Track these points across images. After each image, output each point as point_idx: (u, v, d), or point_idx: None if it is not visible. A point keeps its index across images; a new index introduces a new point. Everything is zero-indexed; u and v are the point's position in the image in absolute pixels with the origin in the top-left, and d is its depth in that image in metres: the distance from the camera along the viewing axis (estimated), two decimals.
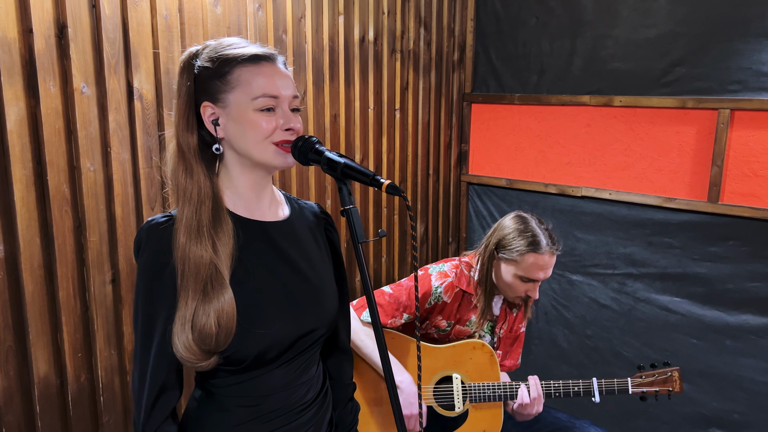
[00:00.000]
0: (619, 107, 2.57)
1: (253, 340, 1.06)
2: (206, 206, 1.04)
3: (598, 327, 2.74)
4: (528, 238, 1.83)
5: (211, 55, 1.06)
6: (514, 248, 1.84)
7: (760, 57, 2.23)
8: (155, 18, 1.56)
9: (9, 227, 1.34)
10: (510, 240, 1.87)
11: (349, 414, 1.35)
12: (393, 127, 2.53)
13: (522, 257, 1.83)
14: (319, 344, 1.20)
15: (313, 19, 2.06)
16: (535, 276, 1.84)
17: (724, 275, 2.41)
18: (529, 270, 1.84)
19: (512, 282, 1.88)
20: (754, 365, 2.39)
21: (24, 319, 1.39)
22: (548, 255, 1.83)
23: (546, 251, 1.82)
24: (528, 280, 1.86)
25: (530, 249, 1.82)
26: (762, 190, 2.30)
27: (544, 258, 1.82)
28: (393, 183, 0.98)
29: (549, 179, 2.81)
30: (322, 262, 1.22)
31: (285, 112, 1.07)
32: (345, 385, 1.36)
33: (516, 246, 1.84)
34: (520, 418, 1.94)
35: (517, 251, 1.83)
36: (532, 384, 1.89)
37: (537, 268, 1.83)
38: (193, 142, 1.06)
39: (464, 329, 1.98)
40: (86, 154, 1.46)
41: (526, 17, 2.75)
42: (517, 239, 1.85)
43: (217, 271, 1.03)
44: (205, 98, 1.06)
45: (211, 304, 1.01)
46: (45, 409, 1.44)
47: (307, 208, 1.26)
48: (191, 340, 1.00)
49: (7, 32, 1.29)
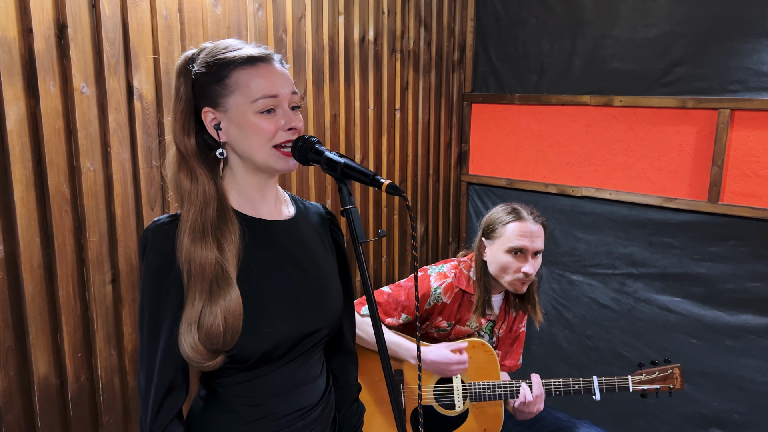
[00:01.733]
0: (619, 107, 2.56)
1: (259, 339, 1.06)
2: (211, 207, 1.05)
3: (598, 327, 2.74)
4: (509, 211, 1.91)
5: (207, 60, 1.06)
6: (498, 223, 1.91)
7: (760, 57, 2.23)
8: (155, 18, 1.56)
9: (9, 227, 1.34)
10: (493, 219, 1.93)
11: (354, 415, 1.35)
12: (393, 127, 2.53)
13: (505, 228, 1.87)
14: (323, 344, 1.20)
15: (313, 19, 2.06)
16: (521, 244, 1.85)
17: (724, 275, 2.41)
18: (513, 238, 1.85)
19: (503, 260, 1.87)
20: (754, 365, 2.39)
21: (24, 319, 1.39)
22: (531, 222, 1.87)
23: (528, 219, 1.87)
24: (516, 251, 1.85)
25: (512, 218, 1.88)
26: (762, 190, 2.30)
27: (527, 224, 1.86)
28: (393, 183, 0.98)
29: (549, 179, 2.81)
30: (327, 262, 1.22)
31: (285, 111, 1.07)
32: (350, 385, 1.35)
33: (499, 220, 1.91)
34: (521, 417, 1.94)
35: (500, 224, 1.89)
36: (535, 382, 1.89)
37: (521, 235, 1.85)
38: (191, 145, 1.06)
39: (464, 329, 1.98)
40: (86, 154, 1.45)
41: (526, 17, 2.75)
42: (500, 215, 1.92)
43: (223, 270, 1.03)
44: (206, 103, 1.06)
45: (218, 304, 1.01)
46: (45, 409, 1.44)
47: (313, 208, 1.26)
48: (197, 340, 1.00)
49: (7, 32, 1.29)
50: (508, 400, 1.92)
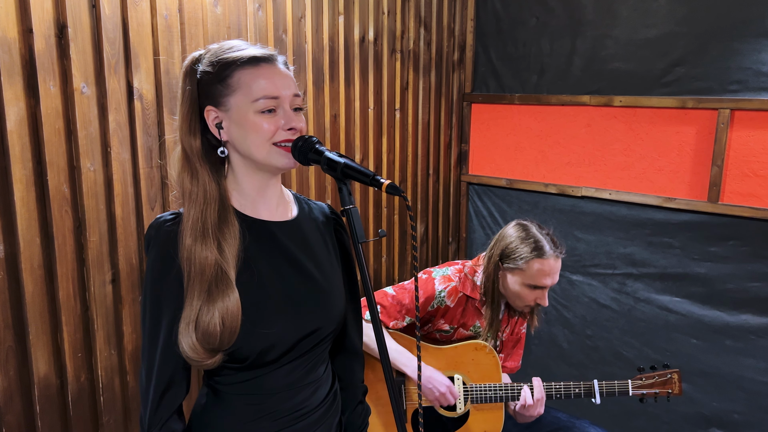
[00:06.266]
0: (619, 107, 2.56)
1: (256, 339, 1.06)
2: (212, 208, 1.05)
3: (598, 327, 2.74)
4: (531, 245, 1.83)
5: (211, 60, 1.07)
6: (518, 256, 1.83)
7: (760, 57, 2.23)
8: (155, 18, 1.56)
9: (9, 227, 1.34)
10: (513, 249, 1.86)
11: (358, 417, 1.34)
12: (393, 127, 2.53)
13: (527, 264, 1.82)
14: (326, 344, 1.19)
15: (313, 19, 2.06)
16: (542, 282, 1.83)
17: (724, 275, 2.41)
18: (535, 277, 1.82)
19: (520, 291, 1.86)
20: (754, 365, 2.39)
21: (24, 319, 1.39)
22: (553, 259, 1.82)
23: (550, 256, 1.81)
24: (535, 287, 1.84)
25: (534, 255, 1.81)
26: (762, 190, 2.30)
27: (549, 262, 1.81)
28: (393, 183, 0.98)
29: (549, 179, 2.81)
30: (330, 263, 1.22)
31: (286, 112, 1.07)
32: (355, 387, 1.34)
33: (520, 254, 1.83)
34: (522, 420, 1.94)
35: (522, 259, 1.82)
36: (536, 385, 1.89)
37: (543, 274, 1.82)
38: (196, 145, 1.07)
39: (467, 333, 1.97)
40: (86, 154, 1.45)
41: (526, 17, 2.75)
42: (520, 247, 1.84)
43: (223, 271, 1.03)
44: (208, 102, 1.07)
45: (216, 305, 1.02)
46: (45, 409, 1.44)
47: (317, 208, 1.26)
48: (195, 340, 1.01)
49: (7, 32, 1.29)
50: (509, 402, 1.92)
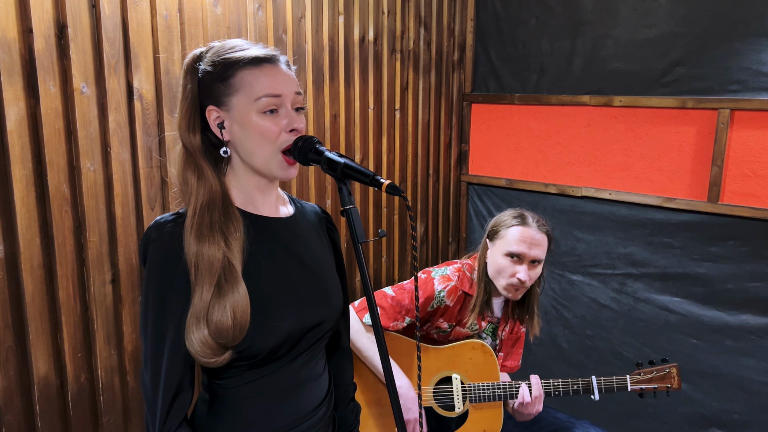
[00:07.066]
0: (619, 107, 2.56)
1: (267, 333, 1.06)
2: (217, 204, 1.05)
3: (598, 327, 2.74)
4: (515, 217, 1.91)
5: (213, 59, 1.07)
6: (502, 225, 1.91)
7: (760, 57, 2.23)
8: (155, 18, 1.56)
9: (9, 227, 1.34)
10: (498, 222, 1.94)
11: (350, 414, 1.35)
12: (393, 127, 2.53)
13: (507, 231, 1.87)
14: (325, 340, 1.21)
15: (313, 19, 2.06)
16: (520, 250, 1.83)
17: (724, 275, 2.41)
18: (513, 242, 1.85)
19: (499, 262, 1.87)
20: (754, 365, 2.39)
21: (24, 319, 1.39)
22: (534, 230, 1.85)
23: (532, 226, 1.86)
24: (515, 255, 1.85)
25: (517, 222, 1.88)
26: (762, 190, 2.30)
27: (530, 231, 1.85)
28: (393, 183, 0.98)
29: (549, 179, 2.81)
30: (326, 259, 1.23)
31: (288, 111, 1.07)
32: (346, 384, 1.36)
33: (504, 223, 1.91)
34: (521, 418, 1.94)
35: (504, 226, 1.90)
36: (534, 382, 1.89)
37: (521, 240, 1.84)
38: (196, 142, 1.07)
39: (464, 331, 1.97)
40: (86, 154, 1.45)
41: (526, 17, 2.75)
42: (505, 219, 1.92)
43: (231, 265, 1.03)
44: (210, 102, 1.07)
45: (226, 298, 1.01)
46: (45, 409, 1.44)
47: (309, 208, 1.28)
48: (207, 335, 1.00)
49: (7, 32, 1.29)
50: (508, 401, 1.92)
